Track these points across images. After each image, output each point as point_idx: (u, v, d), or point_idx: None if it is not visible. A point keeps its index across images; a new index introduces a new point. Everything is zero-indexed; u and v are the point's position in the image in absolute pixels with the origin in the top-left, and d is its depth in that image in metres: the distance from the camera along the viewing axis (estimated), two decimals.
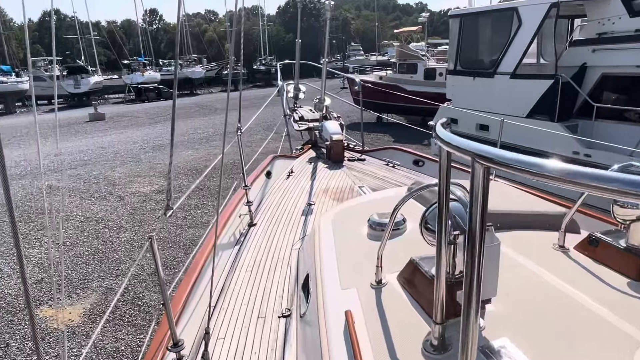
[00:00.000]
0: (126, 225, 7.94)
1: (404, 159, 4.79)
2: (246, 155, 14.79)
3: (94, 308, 5.42)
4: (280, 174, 4.39)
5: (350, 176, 4.41)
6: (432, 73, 16.22)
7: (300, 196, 3.81)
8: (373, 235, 1.81)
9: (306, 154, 5.32)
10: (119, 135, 17.51)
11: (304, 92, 5.80)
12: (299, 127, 5.44)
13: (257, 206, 3.55)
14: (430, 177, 4.35)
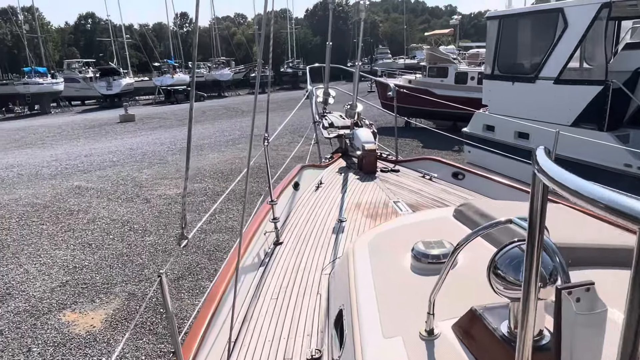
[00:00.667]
0: (151, 229, 7.90)
1: (442, 171, 4.49)
2: (272, 159, 14.66)
3: (116, 314, 5.34)
4: (308, 185, 4.15)
5: (384, 189, 4.12)
6: (464, 77, 15.77)
7: (330, 211, 3.58)
8: (418, 269, 1.57)
9: (336, 163, 5.04)
10: (147, 137, 17.71)
11: (333, 97, 5.56)
12: (329, 134, 5.18)
13: (284, 222, 3.33)
14: (471, 191, 4.06)
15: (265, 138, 3.14)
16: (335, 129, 5.20)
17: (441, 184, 4.36)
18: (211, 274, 6.19)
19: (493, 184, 3.86)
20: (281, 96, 35.93)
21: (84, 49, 70.84)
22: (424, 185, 4.34)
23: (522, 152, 5.56)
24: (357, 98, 4.81)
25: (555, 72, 5.07)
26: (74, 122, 24.99)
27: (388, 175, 4.64)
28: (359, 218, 3.40)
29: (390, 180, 4.44)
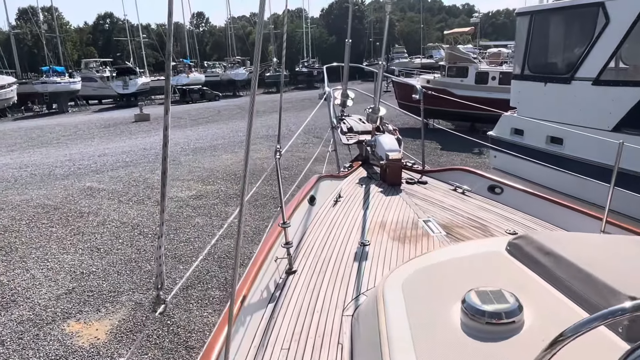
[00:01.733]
0: None
1: (476, 184, 4.06)
2: (286, 161, 14.39)
3: (121, 325, 5.09)
4: (325, 198, 3.73)
5: (411, 205, 3.70)
6: (485, 77, 15.28)
7: (351, 232, 3.15)
8: (472, 329, 1.21)
9: (356, 172, 4.59)
10: (161, 137, 17.57)
11: (352, 99, 5.18)
12: (348, 140, 4.76)
13: (298, 244, 2.96)
14: (511, 208, 3.62)
15: (278, 150, 2.69)
16: (354, 134, 4.80)
17: (476, 198, 3.93)
18: (222, 283, 5.92)
19: (536, 200, 3.48)
20: (295, 96, 35.71)
21: (102, 49, 71.64)
22: (456, 200, 3.89)
23: (554, 159, 5.16)
24: (379, 101, 4.41)
25: (594, 72, 4.65)
26: (90, 121, 25.09)
27: (415, 187, 4.20)
28: (385, 241, 3.00)
29: (417, 194, 4.00)
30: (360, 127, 4.92)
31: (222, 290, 5.75)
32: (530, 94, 5.59)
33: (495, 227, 3.25)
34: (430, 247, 2.91)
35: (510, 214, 3.56)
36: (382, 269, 2.57)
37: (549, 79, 5.25)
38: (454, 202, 3.81)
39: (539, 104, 5.43)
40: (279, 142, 2.53)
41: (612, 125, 4.46)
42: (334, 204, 3.67)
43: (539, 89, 5.38)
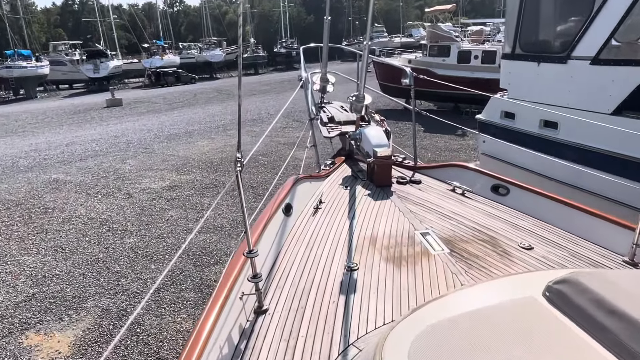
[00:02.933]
0: (132, 229, 7.18)
1: (476, 182, 3.54)
2: (264, 147, 13.79)
3: (86, 335, 4.66)
4: (304, 205, 3.19)
5: (405, 212, 3.18)
6: (467, 56, 14.93)
7: (335, 251, 2.62)
8: None
9: (339, 170, 4.04)
10: (134, 123, 16.84)
11: (333, 84, 4.70)
12: (329, 132, 4.23)
13: (270, 271, 2.41)
14: (521, 214, 3.17)
15: (238, 160, 1.97)
16: (336, 125, 4.34)
17: (478, 201, 3.44)
18: (196, 284, 5.51)
19: (549, 203, 3.06)
20: (274, 77, 34.94)
21: (71, 31, 68.72)
22: (456, 204, 3.38)
23: (548, 144, 4.86)
24: (364, 87, 3.79)
25: (593, 50, 4.30)
26: (60, 108, 23.99)
27: (407, 189, 3.66)
28: (376, 263, 2.50)
29: (411, 198, 3.47)
30: (343, 117, 4.39)
31: (197, 292, 5.34)
32: (522, 74, 5.24)
33: (506, 240, 2.80)
34: (432, 269, 2.46)
35: (520, 220, 3.13)
36: (376, 305, 2.12)
37: (543, 59, 4.90)
38: (454, 207, 3.33)
39: (531, 86, 5.09)
40: (239, 149, 1.98)
41: (612, 108, 4.15)
42: (314, 213, 3.12)
43: (532, 69, 5.03)
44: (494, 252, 2.64)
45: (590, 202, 4.39)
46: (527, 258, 2.58)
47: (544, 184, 4.88)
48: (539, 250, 2.67)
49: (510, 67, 5.41)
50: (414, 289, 2.26)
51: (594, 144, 4.33)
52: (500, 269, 2.45)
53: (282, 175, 5.28)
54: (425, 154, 10.69)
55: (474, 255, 2.60)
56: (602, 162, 4.23)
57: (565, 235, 2.89)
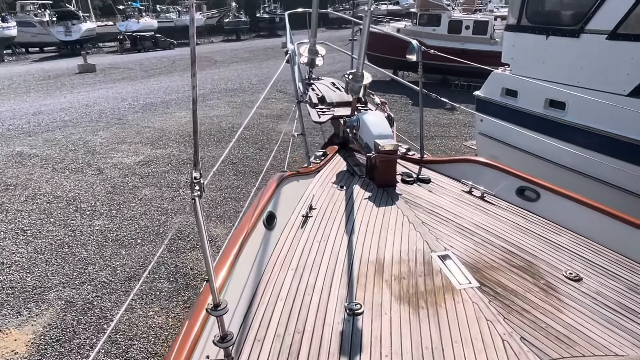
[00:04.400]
0: (101, 209, 6.66)
1: (497, 182, 2.99)
2: (247, 125, 13.04)
3: (47, 332, 4.23)
4: (290, 212, 2.64)
5: (416, 223, 2.62)
6: (458, 26, 14.35)
7: (332, 283, 2.05)
8: None
9: (331, 164, 3.45)
10: (107, 91, 15.93)
11: (322, 57, 4.12)
12: (319, 116, 3.65)
13: (243, 322, 1.82)
14: (559, 226, 2.66)
15: (196, 182, 1.38)
16: (328, 107, 3.83)
17: (502, 207, 2.88)
18: (171, 273, 5.09)
19: (591, 215, 2.55)
20: (257, 44, 33.74)
21: None
22: (476, 211, 2.80)
23: (554, 126, 4.48)
24: (364, 61, 3.11)
25: (611, 23, 3.88)
26: (28, 73, 22.65)
27: (415, 190, 3.08)
28: (386, 302, 1.96)
29: (420, 202, 2.90)
30: (336, 97, 3.81)
31: (172, 282, 4.93)
32: (528, 48, 4.79)
33: (547, 267, 2.29)
34: (460, 314, 1.92)
35: (558, 235, 2.57)
36: None
37: (552, 31, 4.46)
38: (474, 216, 2.77)
39: (537, 61, 4.67)
40: (195, 167, 1.40)
41: (630, 89, 3.77)
42: (303, 224, 2.55)
43: (539, 43, 4.59)
44: (535, 287, 2.13)
45: (600, 192, 4.08)
46: (578, 295, 2.09)
47: (548, 169, 4.54)
48: (590, 283, 2.19)
49: (515, 39, 4.95)
50: (439, 345, 1.75)
51: (606, 127, 3.96)
52: (549, 315, 1.94)
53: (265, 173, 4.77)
54: (413, 129, 10.27)
55: (511, 292, 2.08)
56: (615, 148, 3.88)
57: (619, 260, 2.39)
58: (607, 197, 4.04)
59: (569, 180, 4.29)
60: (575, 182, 4.25)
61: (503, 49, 5.15)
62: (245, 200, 6.79)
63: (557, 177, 4.45)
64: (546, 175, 4.63)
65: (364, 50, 3.09)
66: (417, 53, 3.40)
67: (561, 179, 4.43)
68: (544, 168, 4.60)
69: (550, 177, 4.58)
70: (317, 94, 3.89)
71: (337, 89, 4.06)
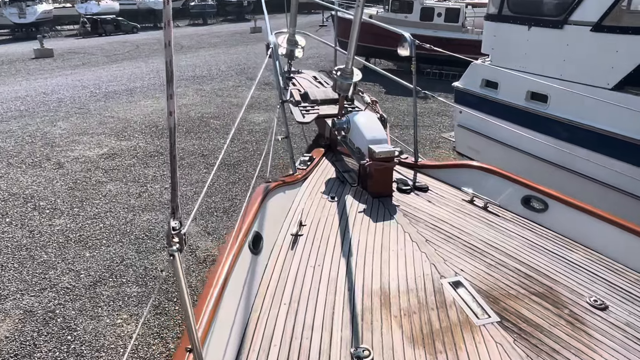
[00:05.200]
0: (62, 207, 6.25)
1: (499, 189, 2.79)
2: (216, 108, 12.78)
3: (3, 347, 3.89)
4: (278, 230, 2.36)
5: (419, 241, 2.37)
6: (430, 13, 14.25)
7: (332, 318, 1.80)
8: None
9: (318, 170, 3.17)
10: (66, 78, 15.08)
11: (303, 48, 3.83)
12: (303, 116, 3.32)
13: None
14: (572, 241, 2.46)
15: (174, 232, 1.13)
16: (312, 104, 3.48)
17: (509, 220, 2.66)
18: (139, 275, 4.80)
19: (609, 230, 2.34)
20: (225, 29, 32.83)
21: None
22: (482, 225, 2.57)
23: (535, 119, 4.41)
24: (353, 55, 2.83)
25: (596, 15, 3.80)
26: None
27: (413, 199, 2.83)
28: (398, 346, 1.70)
29: (421, 217, 2.63)
30: (320, 94, 3.51)
31: (141, 286, 4.65)
32: (509, 39, 4.69)
33: (569, 294, 2.08)
34: (484, 356, 1.71)
35: (573, 252, 2.35)
36: None
37: (535, 22, 4.36)
38: (481, 231, 2.51)
39: (519, 53, 4.57)
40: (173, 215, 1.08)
41: (614, 82, 3.71)
42: (293, 244, 2.27)
43: (521, 33, 4.49)
44: (561, 319, 1.92)
45: (582, 186, 4.05)
46: (607, 328, 1.90)
47: (529, 163, 4.48)
48: (617, 312, 2.00)
49: (495, 29, 4.84)
50: None
51: (589, 122, 3.91)
52: (581, 356, 1.75)
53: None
54: (388, 118, 10.14)
55: (536, 327, 1.86)
56: (598, 142, 3.84)
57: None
58: (589, 192, 4.01)
59: (551, 175, 4.24)
60: (557, 177, 4.20)
61: (483, 39, 5.04)
62: (217, 195, 6.51)
63: (539, 171, 4.40)
64: (527, 169, 4.58)
65: (354, 44, 2.81)
66: (410, 47, 3.17)
67: (543, 174, 4.39)
68: (525, 161, 4.54)
69: (532, 171, 4.53)
70: (299, 90, 3.60)
71: (320, 84, 3.79)
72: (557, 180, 4.20)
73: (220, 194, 6.62)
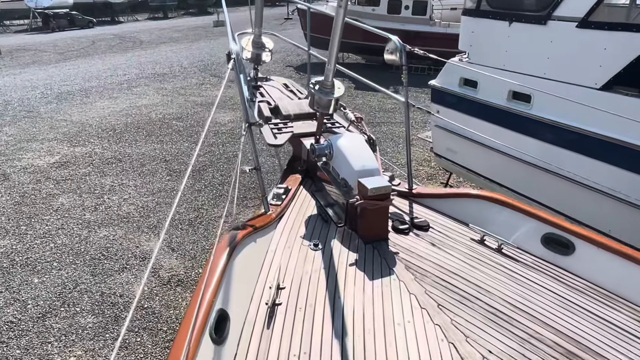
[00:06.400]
0: (8, 225, 5.65)
1: (511, 224, 2.36)
2: (179, 107, 12.14)
3: None
4: (248, 303, 1.83)
5: (431, 308, 1.92)
6: (397, 6, 14.01)
7: None
8: None
9: (295, 205, 2.65)
10: (14, 77, 14.06)
11: (270, 51, 3.36)
12: (274, 137, 2.82)
13: None
14: (613, 295, 2.05)
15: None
16: (285, 121, 2.96)
17: (529, 263, 2.24)
18: (95, 303, 4.33)
19: (629, 267, 1.98)
20: (186, 23, 31.73)
21: None
22: (500, 276, 2.14)
23: (518, 120, 4.19)
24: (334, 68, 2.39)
25: (582, 9, 3.58)
26: None
27: (413, 243, 2.36)
28: None
29: (427, 269, 2.17)
30: (293, 107, 3.03)
31: (97, 315, 4.18)
32: (488, 36, 4.45)
33: None
34: None
35: (616, 311, 1.97)
36: None
37: (516, 17, 4.12)
38: (501, 286, 2.07)
39: (499, 50, 4.33)
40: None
41: (602, 82, 3.51)
42: (269, 320, 1.77)
43: (501, 30, 4.24)
44: None
45: (567, 190, 3.85)
46: None
47: (510, 165, 4.26)
48: None
49: (474, 25, 4.59)
50: None
51: (575, 123, 3.70)
52: None
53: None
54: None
55: None
56: (585, 145, 3.64)
57: None
58: (576, 198, 3.82)
59: (535, 178, 4.03)
60: (541, 180, 3.99)
61: (460, 35, 4.78)
62: (181, 205, 6.04)
63: (522, 175, 4.19)
64: (509, 172, 4.36)
65: (335, 53, 2.36)
66: (399, 54, 2.79)
67: (526, 177, 4.18)
68: (506, 164, 4.32)
69: (514, 174, 4.32)
70: (268, 102, 3.14)
71: (292, 93, 3.35)
72: (542, 184, 4.00)
73: (185, 203, 6.16)
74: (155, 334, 3.99)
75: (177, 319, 4.15)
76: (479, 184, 5.30)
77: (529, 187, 4.14)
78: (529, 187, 4.16)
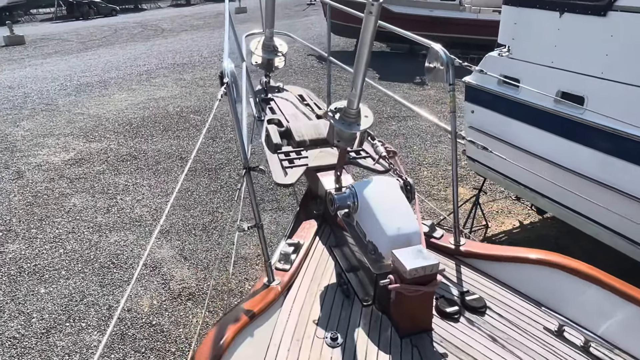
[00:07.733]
0: (18, 227, 5.46)
1: (599, 306, 1.70)
2: (196, 99, 11.85)
3: None
4: None
5: None
6: None
7: None
8: None
9: (309, 267, 2.03)
10: (36, 68, 14.02)
11: (284, 55, 2.84)
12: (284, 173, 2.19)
13: None
14: None
15: None
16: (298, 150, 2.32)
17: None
18: (102, 317, 4.08)
19: None
20: (210, 9, 31.38)
21: None
22: None
23: (568, 125, 3.68)
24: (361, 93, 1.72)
25: None
26: None
27: (465, 336, 1.75)
28: None
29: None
30: (309, 130, 2.38)
31: (104, 332, 3.92)
32: (535, 27, 3.92)
33: None
34: None
35: None
36: None
37: (569, 7, 3.59)
38: None
39: (547, 44, 3.80)
40: None
41: None
42: None
43: (551, 21, 3.71)
44: None
45: (628, 209, 3.36)
46: None
47: (558, 176, 3.77)
48: None
49: (516, 15, 4.06)
50: None
51: (636, 131, 3.18)
52: None
53: None
54: (384, 109, 9.38)
55: None
56: None
57: None
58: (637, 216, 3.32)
59: (586, 191, 3.53)
60: (597, 196, 3.49)
61: (501, 27, 4.25)
62: (196, 208, 5.74)
63: (570, 187, 3.69)
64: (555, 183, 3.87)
65: (363, 71, 1.72)
66: (446, 68, 2.04)
67: (575, 189, 3.68)
68: (553, 174, 3.83)
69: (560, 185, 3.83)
70: (279, 122, 2.57)
71: (310, 108, 2.81)
72: (595, 198, 3.50)
73: (200, 205, 5.86)
74: (162, 356, 3.71)
75: (186, 339, 3.86)
76: (517, 192, 4.81)
77: (578, 201, 3.65)
78: (578, 202, 3.66)
